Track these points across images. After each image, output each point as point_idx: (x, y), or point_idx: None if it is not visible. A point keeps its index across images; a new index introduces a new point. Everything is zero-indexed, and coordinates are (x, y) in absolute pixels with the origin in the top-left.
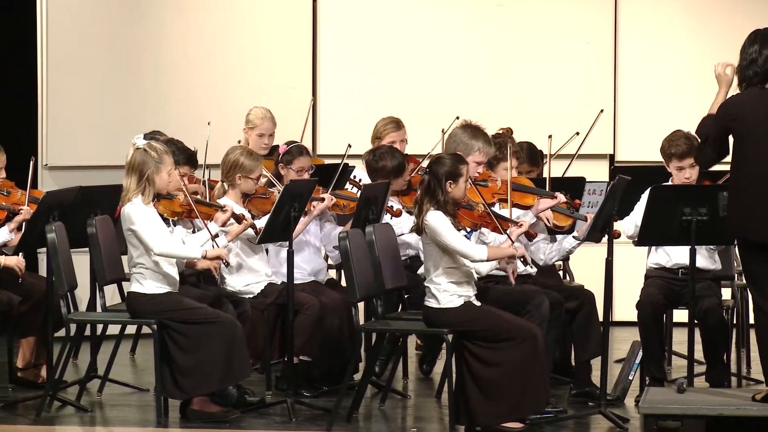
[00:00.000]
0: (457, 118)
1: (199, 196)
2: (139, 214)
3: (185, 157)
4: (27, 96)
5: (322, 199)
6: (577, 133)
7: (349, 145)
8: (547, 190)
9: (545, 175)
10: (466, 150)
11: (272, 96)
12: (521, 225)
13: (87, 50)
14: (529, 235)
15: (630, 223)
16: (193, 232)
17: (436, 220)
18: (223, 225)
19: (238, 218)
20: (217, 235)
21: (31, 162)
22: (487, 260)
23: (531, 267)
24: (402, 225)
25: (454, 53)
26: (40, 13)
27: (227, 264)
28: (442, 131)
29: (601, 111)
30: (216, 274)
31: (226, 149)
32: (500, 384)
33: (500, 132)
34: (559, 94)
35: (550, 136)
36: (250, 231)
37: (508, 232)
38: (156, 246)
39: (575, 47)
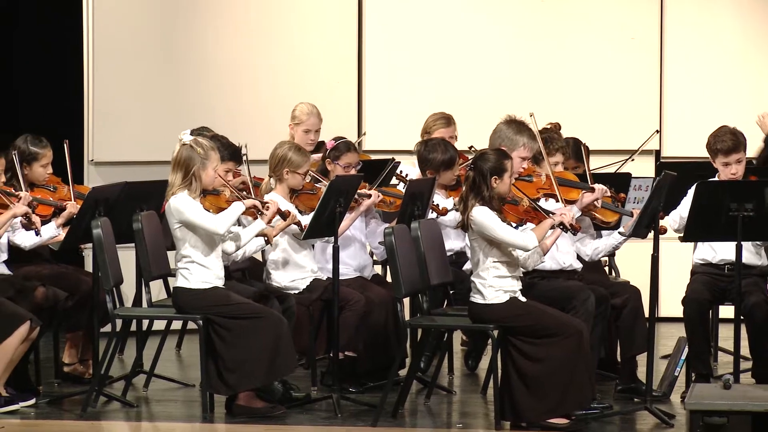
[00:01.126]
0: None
1: (243, 192)
2: (187, 204)
3: (230, 153)
4: (73, 92)
5: (369, 196)
6: (657, 131)
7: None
8: (589, 184)
9: (592, 170)
10: (510, 145)
11: (318, 91)
12: (565, 214)
13: (133, 46)
14: (574, 229)
15: (675, 216)
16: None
17: (483, 215)
18: (269, 222)
19: (283, 214)
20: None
21: (66, 146)
22: (538, 242)
23: (576, 262)
24: (448, 222)
25: (499, 49)
26: (87, 9)
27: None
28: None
29: (656, 131)
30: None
31: (272, 145)
32: (545, 380)
33: (548, 127)
34: (604, 90)
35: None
36: (296, 227)
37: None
38: (218, 226)
39: (620, 43)
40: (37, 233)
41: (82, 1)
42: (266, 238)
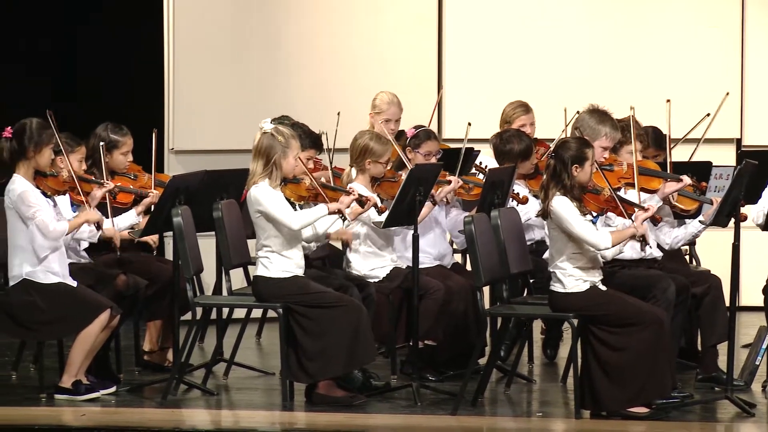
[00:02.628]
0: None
1: (323, 181)
2: (267, 195)
3: (311, 140)
4: (154, 80)
5: (449, 182)
6: (708, 114)
7: (469, 124)
8: (671, 173)
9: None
10: (593, 135)
11: (397, 80)
12: (647, 209)
13: (214, 34)
14: (654, 220)
15: (760, 211)
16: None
17: (562, 206)
18: (348, 207)
19: (362, 201)
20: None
21: (154, 135)
22: (611, 246)
23: (656, 251)
24: (529, 211)
25: (579, 37)
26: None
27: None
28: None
29: (727, 94)
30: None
31: (353, 134)
32: (626, 369)
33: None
34: (685, 78)
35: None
36: (376, 216)
37: (633, 216)
38: (293, 221)
39: (701, 31)
40: (99, 227)
41: None
42: (348, 245)
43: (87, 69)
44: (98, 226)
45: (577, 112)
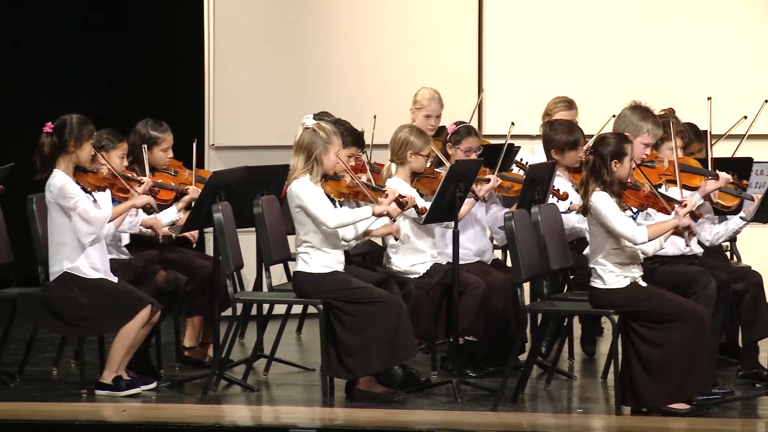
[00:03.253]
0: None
1: (362, 176)
2: (307, 190)
3: (353, 138)
4: (194, 77)
5: (488, 180)
6: (745, 117)
7: (512, 123)
8: (711, 170)
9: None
10: (635, 131)
11: (438, 76)
12: (687, 204)
13: (254, 30)
14: (694, 216)
15: None
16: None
17: (601, 201)
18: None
19: (401, 203)
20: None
21: (194, 144)
22: (648, 240)
23: (696, 247)
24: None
25: (621, 33)
26: None
27: (396, 239)
28: (613, 116)
29: (766, 101)
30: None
31: (393, 130)
32: (666, 365)
33: (663, 113)
34: (726, 75)
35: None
36: (414, 214)
37: (674, 211)
38: (329, 219)
39: (742, 29)
40: (149, 211)
41: None
42: (396, 237)
43: (129, 64)
44: (149, 210)
45: (613, 116)
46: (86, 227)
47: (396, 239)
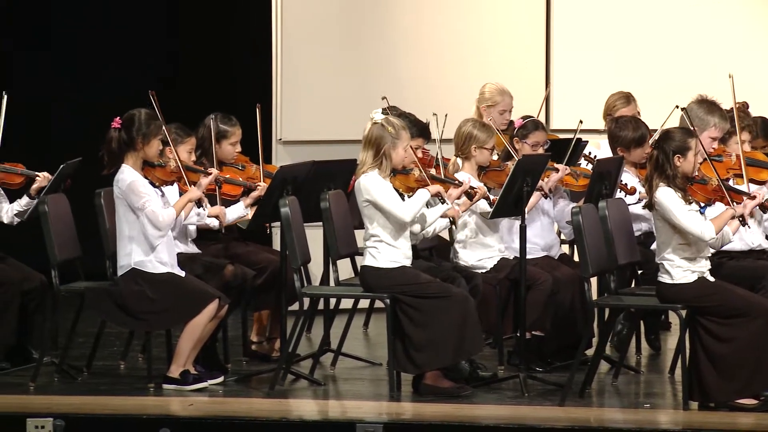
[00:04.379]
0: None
1: (433, 171)
2: (377, 184)
3: (418, 130)
4: (262, 72)
5: (556, 170)
6: None
7: (581, 121)
8: None
9: None
10: (701, 125)
11: (505, 71)
12: (755, 197)
13: (321, 26)
14: (764, 208)
15: None
16: (428, 206)
17: (666, 197)
18: (458, 198)
19: (470, 194)
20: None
21: (258, 113)
22: (716, 234)
23: (765, 242)
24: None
25: (686, 28)
26: None
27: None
28: (676, 107)
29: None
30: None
31: (459, 123)
32: (734, 360)
33: (738, 105)
34: None
35: None
36: (485, 206)
37: (741, 204)
38: (405, 213)
39: None
40: (220, 228)
41: None
42: (452, 219)
43: (194, 58)
44: (199, 204)
45: (677, 107)
46: (154, 230)
47: (453, 223)
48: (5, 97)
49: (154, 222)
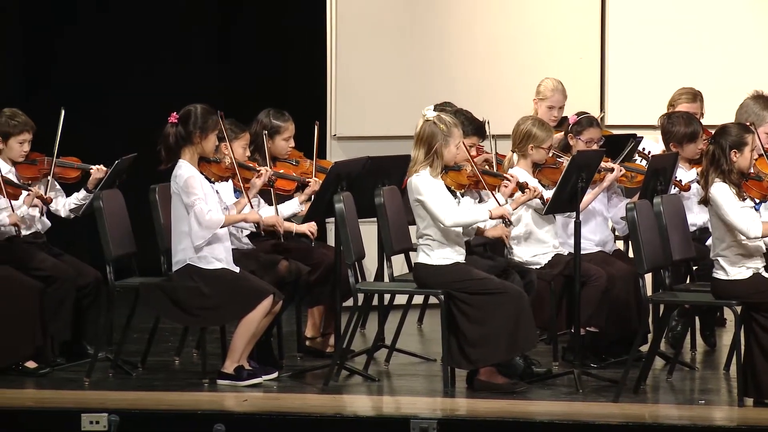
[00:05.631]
0: None
1: (487, 167)
2: (426, 185)
3: (474, 127)
4: (316, 67)
5: (611, 170)
6: None
7: (635, 134)
8: None
9: None
10: (757, 121)
11: (560, 66)
12: None
13: (376, 21)
14: None
15: None
16: (479, 202)
17: (719, 192)
18: (511, 195)
19: (522, 186)
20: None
21: (316, 129)
22: (762, 235)
23: None
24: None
25: (742, 23)
26: None
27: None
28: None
29: None
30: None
31: (514, 120)
32: None
33: None
34: None
35: None
36: (539, 202)
37: None
38: (446, 218)
39: None
40: (258, 229)
41: None
42: (506, 220)
43: (248, 53)
44: (258, 227)
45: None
46: (198, 229)
47: (506, 246)
48: (63, 112)
49: (200, 221)
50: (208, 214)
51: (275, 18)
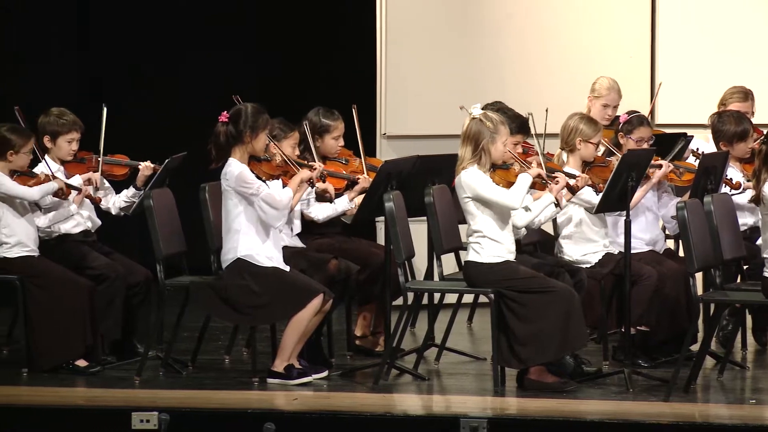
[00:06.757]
0: None
1: (533, 163)
2: (478, 179)
3: (517, 125)
4: (366, 66)
5: (660, 166)
6: None
7: (686, 134)
8: None
9: None
10: None
11: (609, 64)
12: None
13: (425, 20)
14: None
15: None
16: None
17: None
18: (557, 192)
19: (572, 188)
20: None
21: (354, 112)
22: None
23: None
24: (743, 195)
25: None
26: None
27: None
28: None
29: None
30: None
31: (564, 118)
32: None
33: None
34: None
35: None
36: (591, 196)
37: None
38: (514, 201)
39: None
40: (330, 200)
41: None
42: (556, 202)
43: (298, 52)
44: (312, 183)
45: None
46: (273, 211)
47: (557, 204)
48: (105, 109)
49: (272, 203)
50: (277, 194)
51: (326, 17)
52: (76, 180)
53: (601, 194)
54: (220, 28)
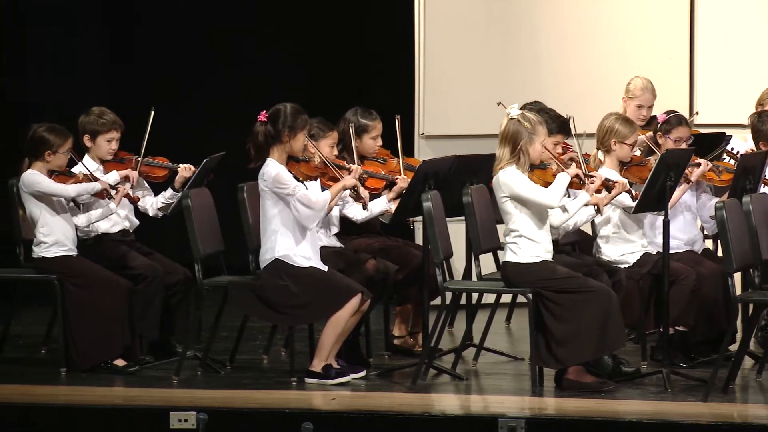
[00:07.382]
0: None
1: (573, 164)
2: (516, 177)
3: (558, 125)
4: (405, 66)
5: (698, 165)
6: None
7: (725, 133)
8: None
9: None
10: None
11: (648, 66)
12: None
13: (463, 20)
14: None
15: None
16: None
17: None
18: (597, 192)
19: (609, 187)
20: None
21: (398, 123)
22: None
23: None
24: None
25: None
26: None
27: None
28: None
29: None
30: None
31: (601, 118)
32: None
33: None
34: None
35: None
36: (627, 200)
37: None
38: (552, 199)
39: None
40: (365, 207)
41: None
42: (596, 207)
43: (337, 52)
44: (356, 197)
45: None
46: (308, 211)
47: (598, 210)
48: (153, 112)
49: (308, 203)
50: (314, 195)
51: (363, 17)
52: (113, 176)
53: (636, 201)
54: (265, 28)
